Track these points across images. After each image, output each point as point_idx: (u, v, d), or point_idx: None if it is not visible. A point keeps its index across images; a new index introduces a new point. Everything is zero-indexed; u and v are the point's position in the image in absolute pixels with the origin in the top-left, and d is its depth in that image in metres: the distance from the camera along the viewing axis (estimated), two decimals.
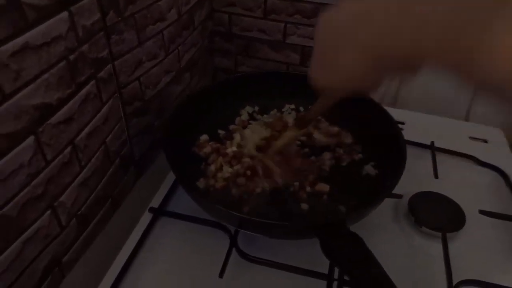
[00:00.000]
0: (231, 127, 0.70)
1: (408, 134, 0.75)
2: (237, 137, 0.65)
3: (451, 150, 0.72)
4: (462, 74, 0.30)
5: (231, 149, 0.64)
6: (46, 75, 0.43)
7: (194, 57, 0.84)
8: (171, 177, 0.65)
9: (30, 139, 0.42)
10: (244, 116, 0.73)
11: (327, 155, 0.65)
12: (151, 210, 0.59)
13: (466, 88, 0.86)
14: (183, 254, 0.54)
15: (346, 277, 0.47)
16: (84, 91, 0.50)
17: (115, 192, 0.62)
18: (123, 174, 0.64)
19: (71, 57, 0.47)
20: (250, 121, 0.72)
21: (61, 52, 0.45)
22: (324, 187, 0.59)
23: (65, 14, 0.45)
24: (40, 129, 0.43)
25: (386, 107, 0.72)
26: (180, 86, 0.79)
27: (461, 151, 0.72)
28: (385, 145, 0.63)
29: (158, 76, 0.70)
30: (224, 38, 0.95)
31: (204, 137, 0.67)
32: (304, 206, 0.56)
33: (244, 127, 0.71)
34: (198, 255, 0.54)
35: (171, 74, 0.74)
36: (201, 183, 0.60)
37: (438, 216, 0.60)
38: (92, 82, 0.52)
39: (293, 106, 0.76)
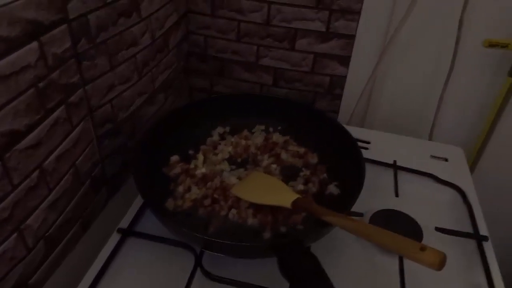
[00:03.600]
0: (202, 147, 0.72)
1: (373, 153, 0.79)
2: (200, 157, 0.68)
3: (413, 169, 0.76)
4: None
5: (200, 170, 0.66)
6: (14, 103, 0.45)
7: (169, 78, 0.87)
8: (141, 198, 0.66)
9: None
10: (215, 136, 0.76)
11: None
12: (120, 230, 0.60)
13: None
14: (149, 274, 0.56)
15: None
16: (53, 116, 0.52)
17: (85, 213, 0.63)
18: (94, 195, 0.66)
19: (41, 84, 0.49)
20: (220, 141, 0.74)
21: (30, 80, 0.47)
22: (297, 218, 0.60)
23: (34, 44, 0.47)
24: (7, 155, 0.45)
25: (354, 127, 0.75)
26: (154, 107, 0.81)
27: (422, 170, 0.76)
28: (348, 166, 0.66)
29: (131, 98, 0.72)
30: (200, 59, 0.98)
31: (175, 157, 0.69)
32: (267, 235, 0.58)
33: (215, 148, 0.73)
34: (164, 275, 0.56)
35: (144, 96, 0.76)
36: (169, 204, 0.61)
37: (397, 233, 0.62)
38: (62, 107, 0.54)
39: (263, 127, 0.79)
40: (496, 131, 0.89)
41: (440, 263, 0.41)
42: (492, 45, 0.77)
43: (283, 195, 0.57)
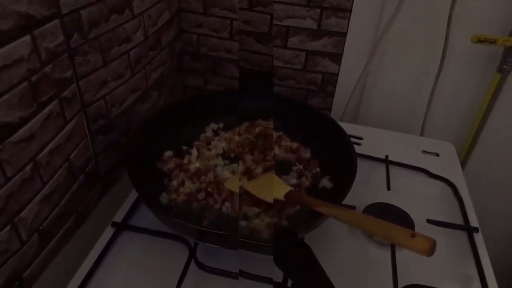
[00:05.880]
0: (195, 143, 0.73)
1: (365, 148, 0.80)
2: (194, 152, 0.68)
3: (404, 163, 0.77)
4: None
5: (194, 165, 0.67)
6: (7, 96, 0.45)
7: (162, 76, 0.87)
8: (135, 192, 0.67)
9: None
10: (209, 132, 0.76)
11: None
12: (113, 224, 0.61)
13: None
14: (143, 267, 0.56)
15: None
16: (46, 110, 0.52)
17: (79, 208, 0.63)
18: (88, 190, 0.66)
19: (33, 78, 0.49)
20: (214, 137, 0.75)
21: (23, 74, 0.47)
22: (291, 211, 0.60)
23: (27, 37, 0.47)
24: (0, 147, 0.45)
25: (346, 123, 0.76)
26: (147, 104, 0.82)
27: (413, 164, 0.77)
28: (340, 160, 0.67)
29: (124, 94, 0.72)
30: (193, 57, 0.98)
31: (168, 153, 0.69)
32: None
33: (208, 143, 0.73)
34: (158, 268, 0.56)
35: (137, 92, 0.76)
36: (164, 198, 0.62)
37: None
38: (55, 101, 0.54)
39: None
40: (486, 127, 0.90)
41: (430, 249, 0.41)
42: (480, 41, 0.78)
43: (276, 188, 0.58)
